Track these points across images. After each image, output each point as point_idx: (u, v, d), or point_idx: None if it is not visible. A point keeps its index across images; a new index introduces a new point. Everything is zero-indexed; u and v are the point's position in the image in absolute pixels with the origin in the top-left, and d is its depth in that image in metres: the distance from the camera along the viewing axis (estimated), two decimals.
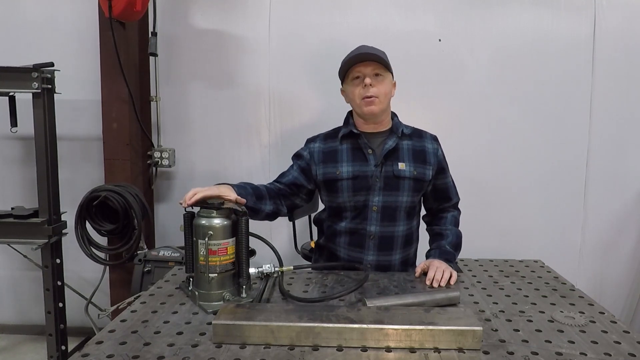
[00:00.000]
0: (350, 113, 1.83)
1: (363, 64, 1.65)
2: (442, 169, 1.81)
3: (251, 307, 1.22)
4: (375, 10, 2.65)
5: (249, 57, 2.70)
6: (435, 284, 1.52)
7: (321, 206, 1.94)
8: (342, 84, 1.77)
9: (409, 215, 1.77)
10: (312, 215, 2.39)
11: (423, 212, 1.91)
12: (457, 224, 1.85)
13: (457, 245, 1.77)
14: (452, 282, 1.54)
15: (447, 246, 1.73)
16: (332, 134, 1.81)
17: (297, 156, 1.84)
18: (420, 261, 1.74)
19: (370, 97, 1.65)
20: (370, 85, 1.64)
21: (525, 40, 2.64)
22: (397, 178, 1.70)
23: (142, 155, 2.72)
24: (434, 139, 1.84)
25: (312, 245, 2.27)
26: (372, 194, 1.70)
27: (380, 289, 1.50)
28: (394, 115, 1.82)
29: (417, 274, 1.62)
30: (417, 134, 1.81)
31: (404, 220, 1.76)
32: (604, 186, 2.72)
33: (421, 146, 1.77)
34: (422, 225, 1.91)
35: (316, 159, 1.76)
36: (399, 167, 1.70)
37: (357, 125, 1.77)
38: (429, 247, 1.82)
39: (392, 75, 1.73)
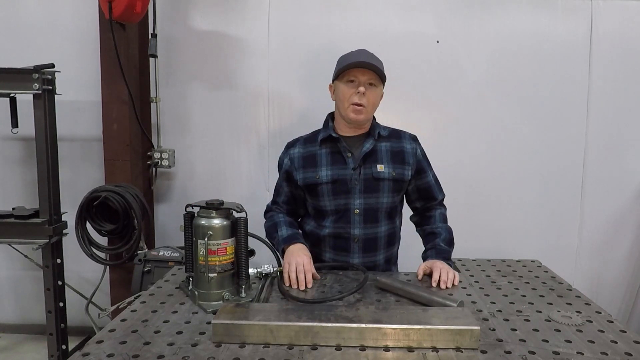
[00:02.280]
0: (330, 116, 1.84)
1: (361, 70, 1.65)
2: (422, 168, 1.81)
3: (250, 306, 1.22)
4: (373, 12, 2.65)
5: (248, 59, 2.71)
6: (442, 285, 1.53)
7: None
8: (333, 80, 1.76)
9: (390, 215, 1.78)
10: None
11: (408, 212, 1.92)
12: (445, 220, 1.86)
13: (451, 242, 1.78)
14: (455, 283, 1.56)
15: (442, 244, 1.74)
16: (311, 138, 1.82)
17: (279, 167, 1.87)
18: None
19: (359, 105, 1.66)
20: (363, 94, 1.65)
21: (522, 42, 2.65)
22: (376, 180, 1.71)
23: (142, 155, 2.73)
24: (413, 138, 1.84)
25: None
26: (352, 197, 1.71)
27: (379, 290, 1.51)
28: (372, 117, 1.82)
29: (419, 277, 1.62)
30: (396, 135, 1.81)
31: (386, 220, 1.77)
32: (600, 187, 2.73)
33: (399, 147, 1.78)
34: (405, 223, 1.91)
35: (296, 165, 1.78)
36: (378, 169, 1.71)
37: (337, 128, 1.78)
38: (424, 248, 1.82)
39: (383, 86, 1.74)
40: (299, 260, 1.55)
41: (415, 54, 2.66)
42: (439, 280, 1.54)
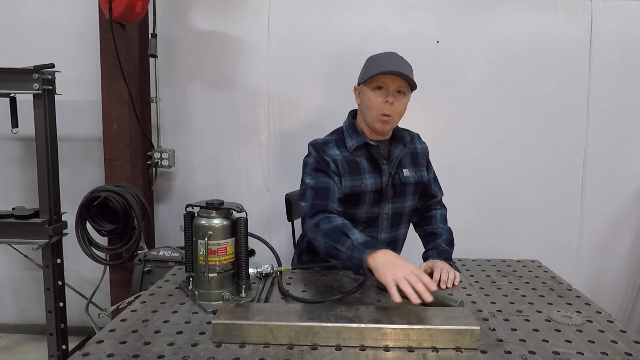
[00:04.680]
0: (353, 117, 1.76)
1: (391, 77, 1.57)
2: (428, 166, 1.83)
3: (250, 306, 1.22)
4: (373, 12, 2.66)
5: (248, 59, 2.71)
6: (443, 285, 1.53)
7: None
8: (359, 82, 1.69)
9: (409, 218, 1.81)
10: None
11: None
12: (445, 221, 1.86)
13: (451, 242, 1.78)
14: (455, 283, 1.56)
15: (443, 244, 1.74)
16: (340, 142, 1.70)
17: (326, 164, 1.63)
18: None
19: (387, 115, 1.60)
20: (392, 103, 1.58)
21: (522, 42, 2.65)
22: (403, 185, 1.71)
23: (142, 155, 2.73)
24: (420, 138, 1.86)
25: None
26: (384, 203, 1.70)
27: (379, 289, 1.51)
28: None
29: None
30: (410, 137, 1.81)
31: (406, 223, 1.81)
32: (601, 187, 2.73)
33: (414, 148, 1.79)
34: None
35: (341, 169, 1.64)
36: (404, 174, 1.71)
37: (364, 134, 1.71)
38: (424, 248, 1.83)
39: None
40: (405, 270, 1.21)
41: (415, 54, 2.62)
42: (440, 280, 1.54)
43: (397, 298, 1.16)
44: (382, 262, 1.25)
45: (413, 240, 1.93)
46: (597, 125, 2.69)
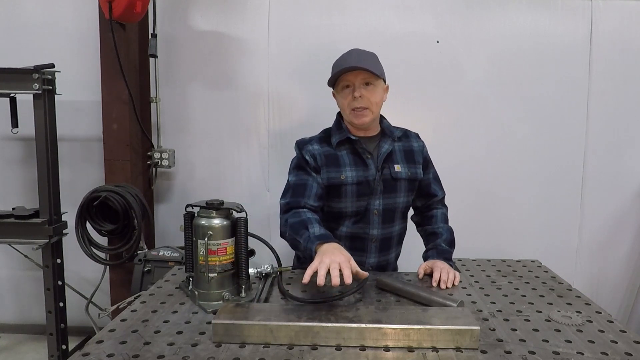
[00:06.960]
0: (340, 115, 1.80)
1: (352, 73, 1.61)
2: (426, 166, 1.83)
3: (250, 306, 1.22)
4: (373, 12, 2.66)
5: (248, 59, 2.71)
6: (442, 285, 1.53)
7: None
8: (333, 88, 1.74)
9: (403, 215, 1.81)
10: None
11: (410, 211, 1.92)
12: (446, 221, 1.86)
13: (452, 242, 1.78)
14: (455, 283, 1.56)
15: (443, 244, 1.74)
16: (325, 138, 1.77)
17: (305, 162, 1.71)
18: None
19: (360, 108, 1.63)
20: (360, 96, 1.61)
21: (522, 42, 2.65)
22: (394, 180, 1.72)
23: (142, 155, 2.73)
24: (418, 136, 1.86)
25: None
26: (373, 198, 1.71)
27: (379, 289, 1.51)
28: (382, 118, 1.81)
29: (420, 276, 1.63)
30: (405, 135, 1.82)
31: (400, 220, 1.80)
32: (600, 186, 2.74)
33: (409, 146, 1.79)
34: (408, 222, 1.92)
35: (319, 162, 1.70)
36: (396, 170, 1.72)
37: (349, 131, 1.75)
38: (424, 248, 1.83)
39: (384, 79, 1.70)
40: (334, 258, 1.30)
41: (415, 54, 2.66)
42: (439, 280, 1.54)
43: (306, 278, 1.28)
44: (322, 249, 1.37)
45: (413, 240, 1.93)
46: (597, 125, 2.69)
